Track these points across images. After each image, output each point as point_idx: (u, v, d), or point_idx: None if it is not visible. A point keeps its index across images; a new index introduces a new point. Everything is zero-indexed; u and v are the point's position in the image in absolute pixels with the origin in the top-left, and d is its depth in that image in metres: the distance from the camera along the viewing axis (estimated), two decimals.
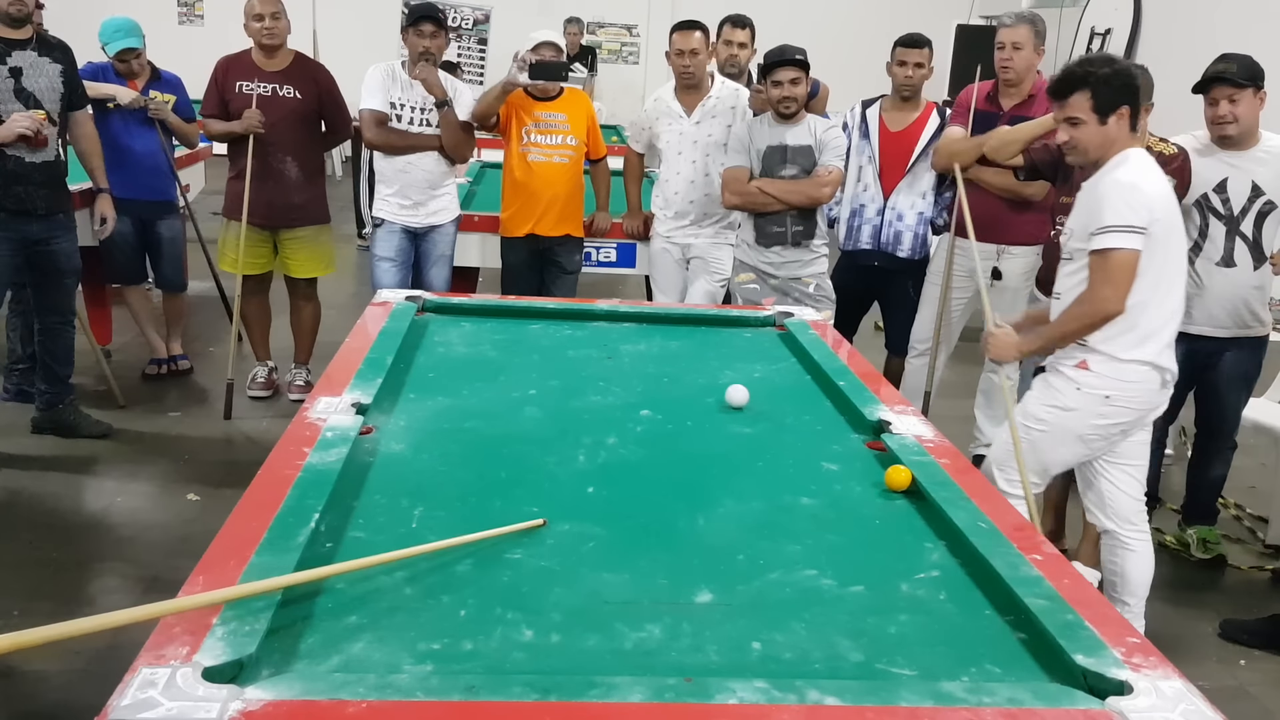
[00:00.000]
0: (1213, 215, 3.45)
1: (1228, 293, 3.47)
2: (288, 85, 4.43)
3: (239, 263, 4.53)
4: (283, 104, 4.42)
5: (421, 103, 4.34)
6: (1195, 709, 1.34)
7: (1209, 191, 3.44)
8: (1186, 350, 3.58)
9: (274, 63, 4.43)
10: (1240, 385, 3.62)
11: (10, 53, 3.74)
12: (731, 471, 2.16)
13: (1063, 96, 2.73)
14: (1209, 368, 3.60)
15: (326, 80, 4.55)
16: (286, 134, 4.43)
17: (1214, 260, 3.46)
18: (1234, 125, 3.34)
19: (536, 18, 8.10)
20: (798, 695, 1.32)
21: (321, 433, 2.08)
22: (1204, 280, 3.48)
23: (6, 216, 3.78)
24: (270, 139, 4.39)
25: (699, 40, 4.23)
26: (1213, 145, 3.45)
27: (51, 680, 2.70)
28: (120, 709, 1.20)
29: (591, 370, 2.79)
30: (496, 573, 1.68)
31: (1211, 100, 3.35)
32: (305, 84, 4.46)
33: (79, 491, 3.79)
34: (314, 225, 4.66)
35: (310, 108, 4.49)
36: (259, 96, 4.37)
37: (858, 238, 4.25)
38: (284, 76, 4.43)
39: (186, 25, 11.09)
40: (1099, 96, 2.68)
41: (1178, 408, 3.84)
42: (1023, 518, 1.94)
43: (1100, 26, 7.65)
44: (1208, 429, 3.75)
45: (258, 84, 4.39)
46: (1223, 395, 3.63)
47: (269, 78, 4.41)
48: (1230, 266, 3.46)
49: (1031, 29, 3.93)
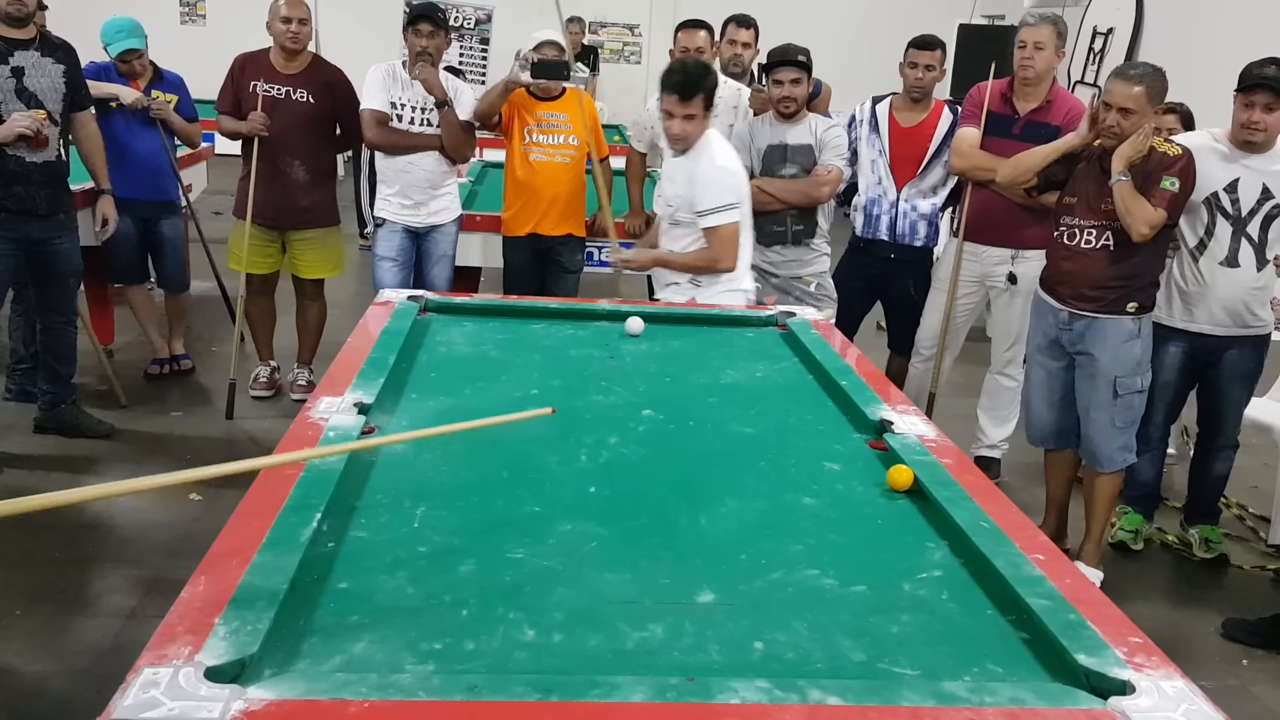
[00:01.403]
0: (1220, 214, 3.44)
1: (1230, 292, 3.48)
2: (301, 89, 4.44)
3: (244, 261, 4.54)
4: (293, 107, 4.43)
5: (422, 102, 4.34)
6: (1197, 709, 1.34)
7: (1219, 190, 3.43)
8: (1188, 348, 3.59)
9: (292, 65, 4.45)
10: (1241, 383, 3.63)
11: (12, 52, 3.74)
12: (733, 471, 2.16)
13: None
14: (1210, 365, 3.61)
15: (343, 84, 4.55)
16: (295, 138, 4.44)
17: (1218, 259, 3.46)
18: (1262, 134, 3.33)
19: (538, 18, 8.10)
20: (800, 695, 1.32)
21: (324, 432, 2.08)
22: (1207, 279, 3.48)
23: (7, 216, 3.78)
24: (278, 142, 4.41)
25: (704, 40, 4.23)
26: (1230, 144, 3.43)
27: (54, 680, 2.70)
28: (123, 709, 1.20)
29: (593, 370, 2.79)
30: (498, 572, 1.68)
31: (1248, 103, 3.32)
32: (319, 88, 4.47)
33: None
34: (322, 227, 4.66)
35: (322, 112, 4.49)
36: (270, 99, 4.39)
37: (876, 227, 4.24)
38: (298, 80, 4.44)
39: (189, 25, 11.11)
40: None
41: (1179, 407, 3.84)
42: (1024, 517, 1.94)
43: (1102, 26, 7.65)
44: (1209, 427, 3.76)
45: (271, 86, 4.41)
46: (1224, 393, 3.64)
47: (283, 80, 4.43)
48: (1234, 267, 3.46)
49: (1054, 30, 3.89)
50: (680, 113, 3.36)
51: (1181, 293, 3.55)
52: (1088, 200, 3.35)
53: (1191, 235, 3.50)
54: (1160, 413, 3.72)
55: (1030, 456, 4.23)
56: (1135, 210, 3.19)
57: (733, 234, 3.45)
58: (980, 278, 4.18)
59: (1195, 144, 3.46)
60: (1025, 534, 1.84)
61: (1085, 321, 3.42)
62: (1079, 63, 7.83)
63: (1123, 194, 3.21)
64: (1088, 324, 3.41)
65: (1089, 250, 3.37)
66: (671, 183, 3.55)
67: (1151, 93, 3.25)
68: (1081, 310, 3.41)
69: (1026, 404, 3.82)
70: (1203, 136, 3.51)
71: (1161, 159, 3.25)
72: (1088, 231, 3.36)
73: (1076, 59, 7.83)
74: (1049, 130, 3.89)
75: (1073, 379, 3.54)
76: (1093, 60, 7.73)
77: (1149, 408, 3.62)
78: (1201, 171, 3.40)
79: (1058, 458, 3.73)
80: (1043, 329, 3.59)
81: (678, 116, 3.37)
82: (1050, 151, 3.47)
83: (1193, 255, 3.51)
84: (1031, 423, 3.76)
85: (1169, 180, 3.21)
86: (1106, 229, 3.32)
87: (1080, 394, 3.52)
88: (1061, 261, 3.46)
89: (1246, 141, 3.38)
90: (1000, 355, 4.33)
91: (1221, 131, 3.47)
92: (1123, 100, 3.24)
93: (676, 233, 3.60)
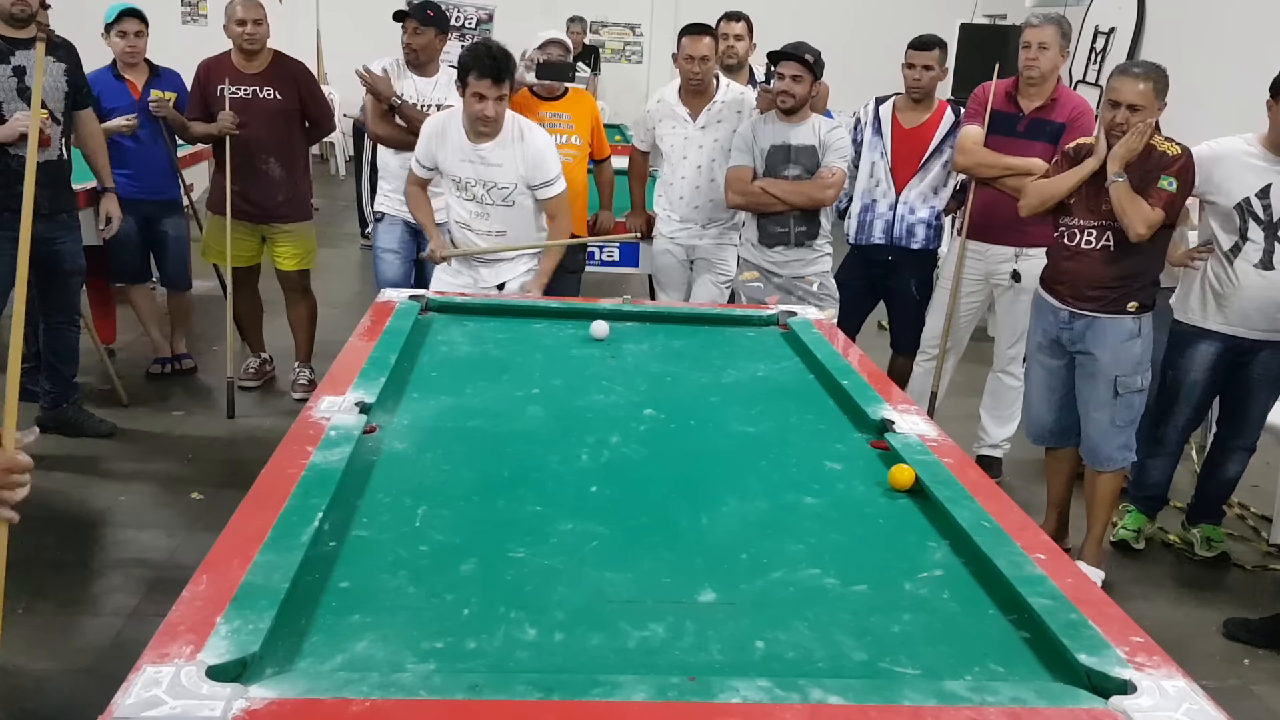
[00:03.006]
0: (1253, 219, 3.42)
1: (1263, 294, 3.45)
2: (267, 87, 4.49)
3: (227, 255, 4.58)
4: (262, 106, 4.48)
5: (425, 99, 4.35)
6: (1199, 708, 1.34)
7: (1251, 196, 3.40)
8: (1219, 349, 3.57)
9: (253, 65, 4.50)
10: (1270, 387, 3.59)
11: (14, 52, 3.74)
12: (735, 470, 2.16)
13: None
14: (1240, 366, 3.59)
15: (306, 78, 4.63)
16: (267, 134, 4.49)
17: (1252, 262, 3.44)
18: None
19: (540, 17, 8.09)
20: (801, 694, 1.32)
21: (325, 432, 2.08)
22: (1240, 280, 3.46)
23: (10, 216, 3.78)
24: (251, 140, 4.45)
25: (708, 47, 4.22)
26: (1263, 149, 3.39)
27: (55, 679, 2.71)
28: (124, 707, 1.21)
29: (595, 369, 2.79)
30: (500, 571, 1.68)
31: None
32: (285, 84, 4.52)
33: (83, 490, 3.80)
34: (300, 221, 4.73)
35: (291, 107, 4.55)
36: (239, 100, 4.44)
37: (870, 232, 4.24)
38: (263, 78, 4.49)
39: (190, 25, 11.12)
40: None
41: (1204, 411, 3.80)
42: (1025, 516, 1.94)
43: (1104, 25, 7.64)
44: (1230, 427, 3.74)
45: (237, 87, 4.46)
46: (1252, 396, 3.62)
47: (249, 80, 4.48)
48: (1269, 269, 3.43)
49: (1058, 30, 3.89)
50: (494, 95, 3.44)
51: (1215, 293, 3.53)
52: (1086, 201, 3.35)
53: (1225, 239, 3.49)
54: (1183, 414, 3.68)
55: (1032, 456, 4.23)
56: (1132, 210, 3.19)
57: (566, 193, 3.69)
58: (985, 276, 4.18)
59: (1225, 150, 3.44)
60: (1026, 533, 1.84)
61: (1086, 321, 3.41)
62: (1080, 62, 7.82)
63: (1119, 195, 3.21)
64: (1088, 323, 3.41)
65: (1089, 250, 3.37)
66: (496, 168, 3.60)
67: (1158, 88, 3.24)
68: (1082, 309, 3.41)
69: (1026, 403, 3.81)
70: (1234, 142, 3.47)
71: (1160, 158, 3.25)
72: (1087, 232, 3.36)
73: (1078, 59, 7.82)
74: (1053, 128, 3.90)
75: (1073, 378, 3.54)
76: (1094, 60, 7.72)
77: (1172, 407, 3.62)
78: (1233, 177, 3.40)
79: (1058, 456, 3.72)
80: (1043, 328, 3.58)
81: (491, 99, 3.45)
82: (1075, 180, 3.35)
83: (1227, 257, 3.49)
84: (1032, 422, 3.76)
85: (1166, 180, 3.21)
86: (1106, 229, 3.31)
87: (1080, 393, 3.52)
88: (1062, 261, 3.46)
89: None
90: (1004, 354, 4.33)
91: (1255, 136, 3.44)
92: (1131, 97, 3.23)
93: (500, 215, 3.69)
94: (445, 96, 4.40)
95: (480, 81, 3.41)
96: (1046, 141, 3.90)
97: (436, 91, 4.43)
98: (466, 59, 3.44)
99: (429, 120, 3.80)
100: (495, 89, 3.43)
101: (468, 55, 3.45)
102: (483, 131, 3.56)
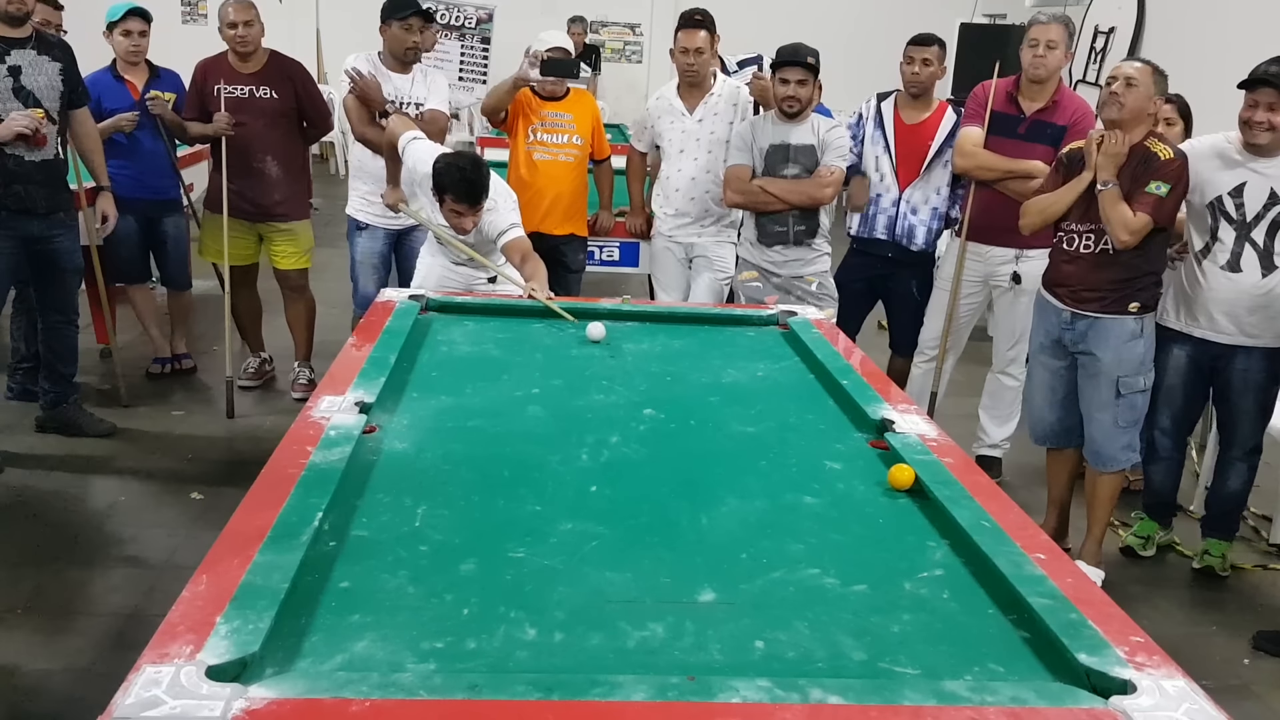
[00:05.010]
0: (1224, 218, 3.38)
1: (1229, 297, 3.41)
2: (264, 86, 4.49)
3: (224, 254, 4.58)
4: (260, 105, 4.48)
5: (404, 96, 4.37)
6: (1199, 708, 1.34)
7: (1224, 195, 3.38)
8: (1191, 353, 3.56)
9: (249, 65, 4.50)
10: (1254, 395, 3.51)
11: (9, 51, 3.74)
12: (734, 470, 2.16)
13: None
14: (1217, 372, 3.54)
15: (302, 77, 4.63)
16: (265, 134, 4.50)
17: (1219, 264, 3.40)
18: (1267, 134, 3.25)
19: (540, 17, 8.10)
20: (801, 694, 1.32)
21: (325, 431, 2.08)
22: (1207, 282, 3.43)
23: (7, 215, 3.78)
24: (249, 139, 4.46)
25: (703, 40, 4.22)
26: (1240, 147, 3.36)
27: (55, 678, 2.71)
28: (124, 707, 1.21)
29: (594, 369, 2.79)
30: (499, 571, 1.68)
31: (1251, 101, 3.27)
32: (281, 84, 4.53)
33: (83, 490, 3.80)
34: (298, 220, 4.72)
35: (288, 106, 4.55)
36: (235, 100, 4.44)
37: (872, 226, 4.23)
38: (259, 78, 4.49)
39: (190, 25, 11.12)
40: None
41: (1190, 415, 3.75)
42: (1025, 516, 1.94)
43: (1104, 25, 7.63)
44: (1224, 437, 3.70)
45: (234, 87, 4.46)
46: (1232, 403, 3.55)
47: (245, 80, 4.48)
48: (1235, 271, 3.39)
49: (1065, 30, 3.88)
50: (471, 215, 3.44)
51: (1184, 295, 3.52)
52: (1083, 207, 3.35)
53: (1198, 239, 3.47)
54: (1165, 417, 3.66)
55: (1032, 456, 4.22)
56: (1114, 217, 3.21)
57: (524, 238, 3.60)
58: (984, 277, 4.18)
59: (1204, 147, 3.43)
60: (1026, 533, 1.84)
61: (1088, 321, 3.41)
62: (1080, 62, 7.82)
63: (1104, 202, 3.25)
64: (1090, 324, 3.41)
65: (1086, 255, 3.37)
66: (464, 239, 3.61)
67: (1156, 75, 3.26)
68: (1084, 310, 3.41)
69: (1029, 403, 3.80)
70: (1215, 139, 3.45)
71: (1153, 162, 3.24)
72: (1085, 237, 3.37)
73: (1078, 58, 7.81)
74: (1054, 130, 3.88)
75: (1075, 378, 3.53)
76: (1094, 60, 7.71)
77: (1152, 412, 3.60)
78: (1206, 175, 3.38)
79: (1059, 457, 3.72)
80: (1045, 328, 3.58)
81: (468, 217, 3.44)
82: (1073, 196, 3.36)
83: (1197, 258, 3.48)
84: (1034, 422, 3.75)
85: (1155, 185, 3.20)
86: (1102, 234, 3.31)
87: (1083, 394, 3.51)
88: (1062, 264, 3.46)
89: (1254, 143, 3.32)
90: (1003, 354, 4.32)
91: (1235, 134, 3.42)
92: (1128, 70, 3.27)
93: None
94: (425, 95, 4.41)
95: (459, 204, 3.40)
96: (1048, 144, 3.87)
97: (415, 89, 4.44)
98: (443, 180, 3.36)
99: (411, 172, 3.68)
100: (473, 212, 3.43)
101: (444, 175, 3.35)
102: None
